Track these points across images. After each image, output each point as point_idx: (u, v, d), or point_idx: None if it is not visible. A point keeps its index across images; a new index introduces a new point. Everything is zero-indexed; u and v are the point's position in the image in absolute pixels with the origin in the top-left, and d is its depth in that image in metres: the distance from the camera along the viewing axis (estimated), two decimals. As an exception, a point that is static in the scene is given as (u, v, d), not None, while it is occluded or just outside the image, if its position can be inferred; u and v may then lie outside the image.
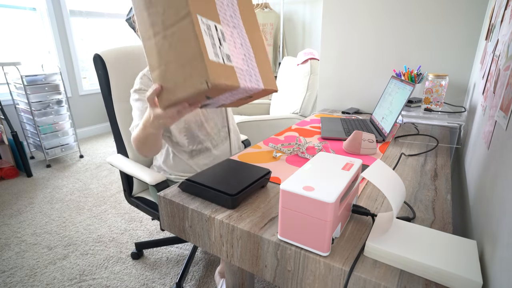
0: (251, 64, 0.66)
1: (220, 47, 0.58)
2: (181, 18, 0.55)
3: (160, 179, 0.98)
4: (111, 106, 1.13)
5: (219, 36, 0.58)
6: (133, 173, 1.04)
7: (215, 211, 0.59)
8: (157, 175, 1.00)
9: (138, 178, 1.02)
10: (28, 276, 1.34)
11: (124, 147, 1.18)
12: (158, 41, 0.59)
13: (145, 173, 1.01)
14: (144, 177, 0.99)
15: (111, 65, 1.10)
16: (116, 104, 1.13)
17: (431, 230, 0.50)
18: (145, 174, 1.00)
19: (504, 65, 0.61)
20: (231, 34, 0.63)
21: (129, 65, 1.15)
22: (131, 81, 1.15)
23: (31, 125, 2.52)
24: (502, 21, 0.78)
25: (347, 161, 0.56)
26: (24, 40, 2.85)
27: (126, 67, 1.14)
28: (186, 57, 0.55)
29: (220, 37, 0.59)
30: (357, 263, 0.45)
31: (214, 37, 0.57)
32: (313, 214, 0.44)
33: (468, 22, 1.21)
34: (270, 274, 0.53)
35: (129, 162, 1.12)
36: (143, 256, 1.46)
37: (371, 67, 1.44)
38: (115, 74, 1.11)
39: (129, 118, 1.17)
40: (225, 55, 0.58)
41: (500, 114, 0.55)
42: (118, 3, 3.52)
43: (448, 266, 0.42)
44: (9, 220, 1.77)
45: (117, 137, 1.17)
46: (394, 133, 1.10)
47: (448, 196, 0.65)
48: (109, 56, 1.10)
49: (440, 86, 1.12)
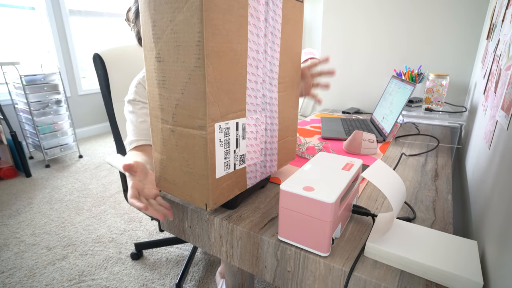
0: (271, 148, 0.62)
1: (235, 150, 0.52)
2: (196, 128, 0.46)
3: None
4: (110, 106, 1.12)
5: (238, 136, 0.52)
6: None
7: (215, 211, 0.59)
8: None
9: None
10: (27, 276, 1.33)
11: (124, 147, 1.17)
12: (165, 130, 0.51)
13: None
14: None
15: (111, 65, 1.09)
16: (116, 104, 1.12)
17: (431, 230, 0.50)
18: None
19: (505, 65, 0.61)
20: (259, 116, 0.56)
21: (129, 65, 1.14)
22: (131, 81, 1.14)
23: (30, 125, 2.51)
24: (503, 20, 0.78)
25: (347, 161, 0.56)
26: (23, 39, 2.84)
27: (126, 66, 1.13)
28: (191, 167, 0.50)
29: (239, 137, 0.52)
30: (357, 264, 0.45)
31: (231, 142, 0.51)
32: (313, 214, 0.44)
33: (469, 22, 1.21)
34: (270, 274, 0.53)
35: None
36: (143, 256, 1.46)
37: (372, 66, 1.44)
38: (114, 74, 1.10)
39: None
40: (239, 158, 0.53)
41: (501, 114, 0.55)
42: (118, 3, 3.52)
43: (448, 267, 0.41)
44: (8, 220, 1.76)
45: (116, 137, 1.17)
46: (395, 133, 1.10)
47: (449, 196, 0.65)
48: (109, 55, 1.09)
49: (441, 85, 1.12)
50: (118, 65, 1.11)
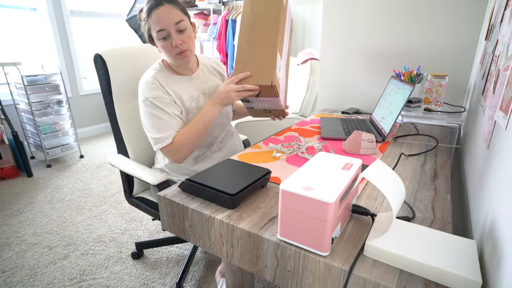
0: (283, 89, 1.01)
1: (278, 70, 0.93)
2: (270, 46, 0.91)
3: (162, 179, 0.98)
4: (111, 106, 1.12)
5: (279, 65, 0.93)
6: (135, 173, 1.04)
7: (215, 211, 0.60)
8: (159, 175, 1.00)
9: (140, 179, 1.02)
10: (28, 276, 1.34)
11: (125, 147, 1.17)
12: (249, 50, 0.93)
13: (147, 173, 1.01)
14: (145, 177, 0.99)
15: (112, 65, 1.09)
16: (117, 104, 1.12)
17: (430, 230, 0.51)
18: (146, 174, 1.00)
19: (504, 65, 0.61)
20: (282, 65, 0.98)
21: (130, 65, 1.14)
22: (132, 81, 1.15)
23: (32, 125, 2.52)
24: (501, 21, 0.78)
25: (347, 161, 0.56)
26: (24, 40, 2.85)
27: (127, 67, 1.14)
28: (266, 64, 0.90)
29: (279, 66, 0.94)
30: (356, 263, 0.45)
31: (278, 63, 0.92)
32: (313, 214, 0.45)
33: (468, 22, 1.21)
34: (270, 274, 0.53)
35: (130, 162, 1.12)
36: (144, 256, 1.46)
37: (371, 67, 1.44)
38: (116, 74, 1.10)
39: (129, 117, 1.16)
40: (278, 76, 0.93)
41: (500, 114, 0.55)
42: (118, 3, 3.52)
43: (447, 266, 0.42)
44: (9, 220, 1.77)
45: (117, 137, 1.17)
46: (394, 133, 1.10)
47: (447, 196, 0.65)
48: (110, 56, 1.09)
49: (439, 86, 1.12)
50: (119, 66, 1.11)
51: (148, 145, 1.22)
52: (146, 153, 1.23)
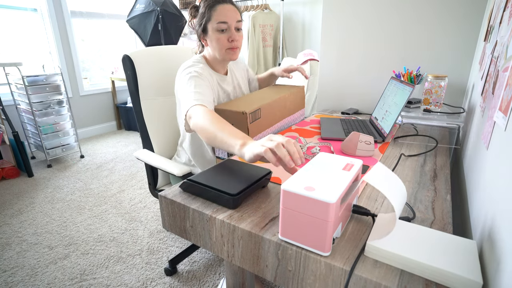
0: None
1: None
2: None
3: (186, 171, 1.04)
4: (138, 103, 1.21)
5: None
6: (161, 166, 1.10)
7: (216, 211, 0.60)
8: (183, 167, 1.06)
9: (165, 171, 1.08)
10: (29, 275, 1.34)
11: (150, 142, 1.26)
12: None
13: (172, 165, 1.07)
14: (171, 169, 1.05)
15: (140, 66, 1.18)
16: (143, 101, 1.21)
17: (431, 230, 0.51)
18: (172, 167, 1.06)
19: (503, 66, 0.62)
20: None
21: (156, 65, 1.24)
22: (158, 81, 1.24)
23: (32, 125, 2.52)
24: (500, 22, 0.78)
25: (348, 162, 0.57)
26: (25, 40, 2.85)
27: (153, 67, 1.23)
28: None
29: None
30: (357, 263, 0.45)
31: None
32: (314, 214, 0.45)
33: (467, 24, 1.21)
34: (271, 274, 0.54)
35: (156, 156, 1.19)
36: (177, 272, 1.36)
37: (371, 68, 1.44)
38: (143, 74, 1.19)
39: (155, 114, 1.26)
40: None
41: (499, 115, 0.55)
42: (119, 4, 3.53)
43: (448, 266, 0.42)
44: (10, 219, 1.77)
45: (143, 133, 1.25)
46: (394, 133, 1.11)
47: (447, 196, 0.65)
48: (138, 56, 1.18)
49: (439, 87, 1.12)
50: (146, 66, 1.21)
51: (171, 139, 1.32)
52: (170, 146, 1.34)
